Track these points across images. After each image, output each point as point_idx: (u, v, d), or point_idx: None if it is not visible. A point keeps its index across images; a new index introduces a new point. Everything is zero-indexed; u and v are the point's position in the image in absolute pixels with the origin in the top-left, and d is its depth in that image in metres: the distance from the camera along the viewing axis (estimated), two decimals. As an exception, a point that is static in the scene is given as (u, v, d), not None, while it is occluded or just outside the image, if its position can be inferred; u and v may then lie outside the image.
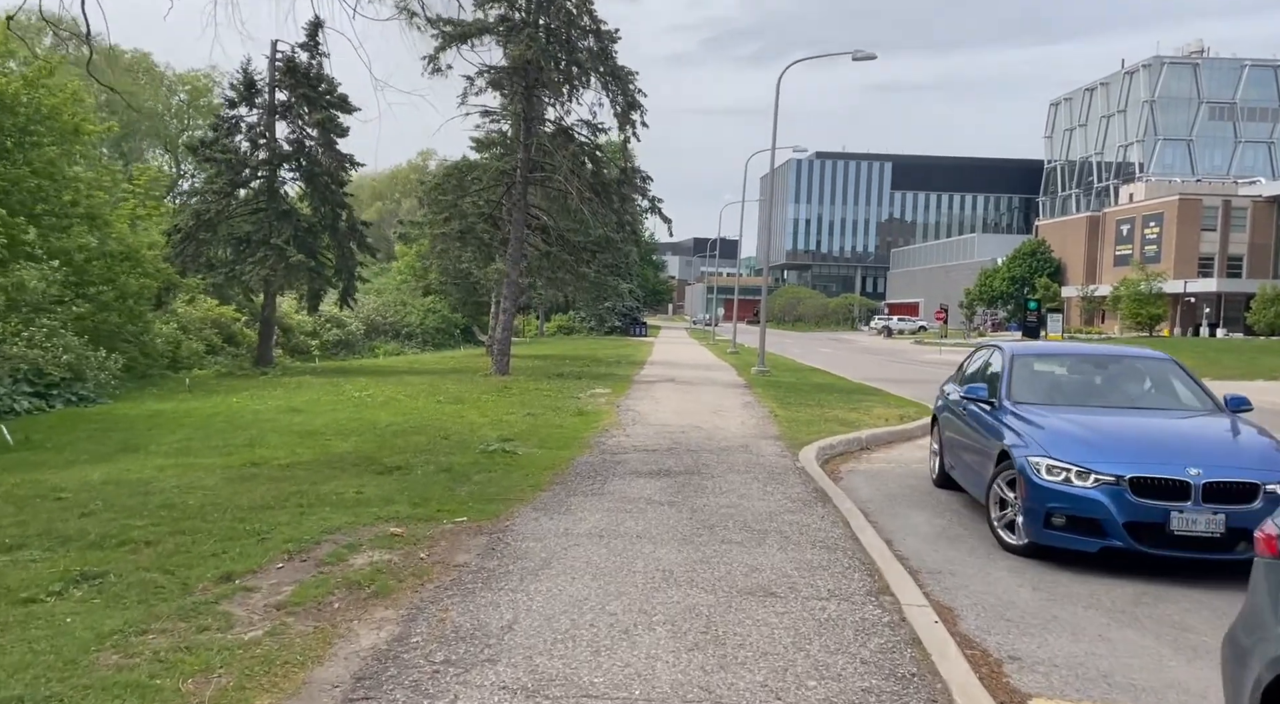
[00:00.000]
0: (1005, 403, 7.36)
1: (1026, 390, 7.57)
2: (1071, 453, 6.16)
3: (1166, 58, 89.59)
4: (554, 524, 6.56)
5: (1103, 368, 8.29)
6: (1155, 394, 7.73)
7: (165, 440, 10.57)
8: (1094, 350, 9.06)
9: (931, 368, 31.50)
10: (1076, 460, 6.08)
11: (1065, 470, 6.08)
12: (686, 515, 6.99)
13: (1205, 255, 65.85)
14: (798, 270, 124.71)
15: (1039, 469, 6.18)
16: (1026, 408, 7.16)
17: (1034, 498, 6.15)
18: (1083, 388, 7.92)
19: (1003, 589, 5.64)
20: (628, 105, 19.38)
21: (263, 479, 8.08)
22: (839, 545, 6.21)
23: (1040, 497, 6.11)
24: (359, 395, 15.68)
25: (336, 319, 35.18)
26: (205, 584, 4.94)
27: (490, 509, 7.00)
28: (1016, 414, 7.06)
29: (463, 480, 8.19)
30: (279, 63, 21.14)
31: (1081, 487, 5.98)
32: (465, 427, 11.75)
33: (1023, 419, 6.92)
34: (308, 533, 6.02)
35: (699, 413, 14.26)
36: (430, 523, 6.48)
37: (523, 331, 58.08)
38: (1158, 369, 8.01)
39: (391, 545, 5.83)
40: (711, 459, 9.78)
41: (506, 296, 20.83)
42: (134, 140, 45.92)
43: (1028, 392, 7.55)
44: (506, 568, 5.43)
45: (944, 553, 6.51)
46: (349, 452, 9.64)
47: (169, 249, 20.37)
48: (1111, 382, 8.00)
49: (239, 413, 13.28)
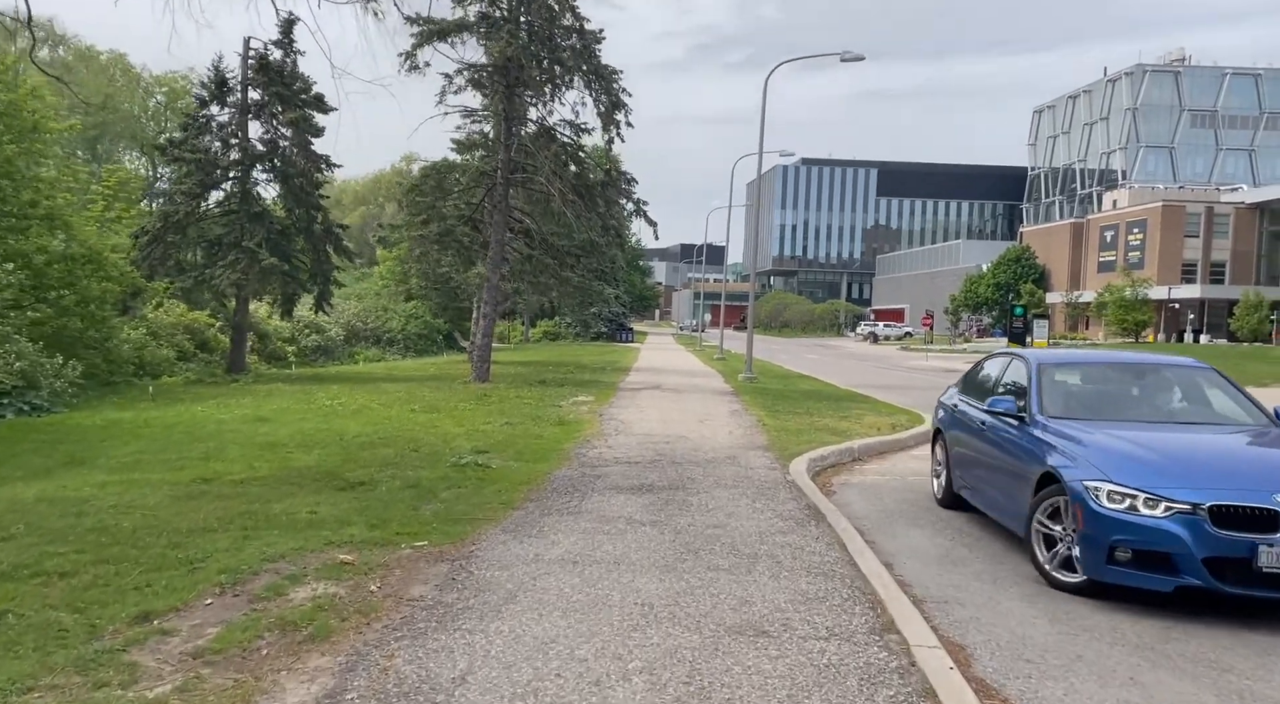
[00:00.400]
0: (1038, 417, 6.56)
1: (1060, 403, 6.77)
2: (1136, 477, 5.41)
3: (1148, 66, 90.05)
4: (524, 549, 5.97)
5: (1140, 378, 7.46)
6: (1202, 407, 6.98)
7: (116, 453, 9.91)
8: (1128, 358, 8.24)
9: (920, 374, 31.12)
10: (1144, 485, 5.33)
11: (1130, 497, 5.32)
12: (670, 537, 6.43)
13: (1189, 262, 66.00)
14: (784, 276, 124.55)
15: (1099, 496, 5.40)
16: (1066, 424, 6.35)
17: (1094, 529, 5.38)
18: (1122, 400, 7.10)
19: (1017, 621, 5.10)
20: (612, 105, 18.84)
21: (211, 497, 7.46)
22: (836, 572, 5.65)
23: (1102, 528, 5.34)
24: (330, 404, 15.03)
25: (315, 325, 34.42)
26: (117, 626, 4.33)
27: (455, 531, 6.41)
28: (1056, 431, 6.27)
29: (429, 498, 7.59)
30: (251, 60, 20.47)
31: (1151, 516, 5.23)
32: (438, 437, 11.15)
33: (1065, 437, 6.13)
34: (247, 561, 5.41)
35: (685, 422, 13.71)
36: (387, 548, 5.88)
37: (508, 337, 57.44)
38: (1199, 379, 7.24)
39: (340, 575, 5.23)
40: (697, 472, 9.23)
41: (487, 301, 20.22)
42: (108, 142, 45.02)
43: (1062, 405, 6.74)
44: (466, 602, 4.84)
45: (949, 577, 5.97)
46: (310, 466, 9.01)
47: (136, 252, 19.64)
48: (1151, 393, 7.25)
49: (201, 423, 12.62)
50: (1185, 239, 65.83)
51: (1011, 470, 6.58)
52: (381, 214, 63.30)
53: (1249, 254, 65.84)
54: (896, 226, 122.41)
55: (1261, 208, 65.41)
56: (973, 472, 7.50)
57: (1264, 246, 65.67)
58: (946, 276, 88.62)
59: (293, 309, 23.25)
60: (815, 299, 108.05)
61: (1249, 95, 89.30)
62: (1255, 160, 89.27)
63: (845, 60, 21.58)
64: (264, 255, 19.64)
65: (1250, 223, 65.92)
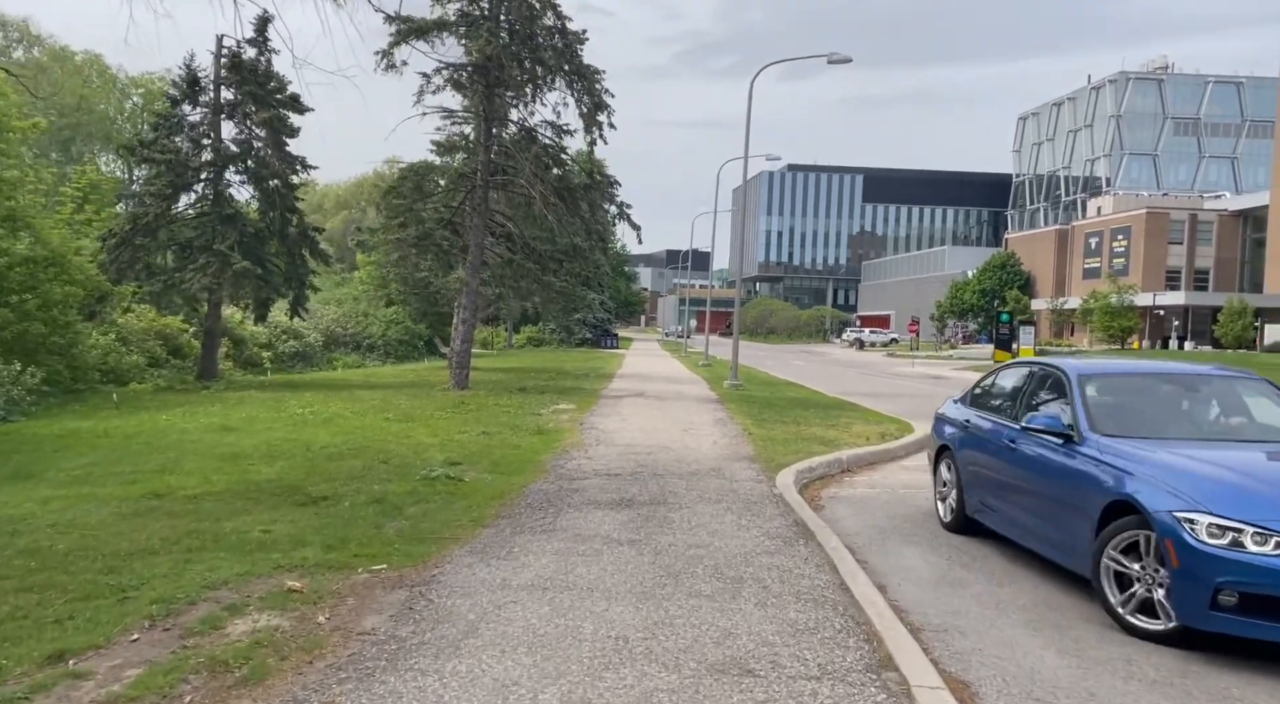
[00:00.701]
0: (1090, 436, 5.76)
1: (1114, 420, 5.95)
2: (1237, 507, 4.71)
3: (1132, 73, 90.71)
4: (490, 573, 5.52)
5: (1193, 391, 6.69)
6: (1264, 421, 6.25)
7: (68, 466, 9.40)
8: (1174, 369, 7.24)
9: (908, 381, 30.85)
10: (1250, 518, 4.64)
11: (1235, 531, 4.62)
12: (649, 559, 6.00)
13: (1172, 268, 66.35)
14: (770, 282, 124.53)
15: (1196, 530, 4.69)
16: (1126, 443, 5.60)
17: (1194, 569, 4.66)
18: (1178, 415, 6.39)
19: (1023, 653, 4.71)
20: (594, 106, 18.44)
21: (159, 514, 6.98)
22: (827, 598, 5.24)
23: (1203, 567, 4.62)
24: (302, 412, 14.52)
25: (294, 330, 33.79)
26: (26, 668, 3.86)
27: (418, 552, 5.96)
28: (1117, 452, 5.50)
29: (394, 514, 7.14)
30: (225, 59, 19.94)
31: (1261, 553, 4.55)
32: (410, 448, 10.68)
33: (1130, 458, 5.37)
34: (185, 589, 4.95)
35: (668, 431, 13.29)
36: (342, 572, 5.43)
37: (492, 343, 56.87)
38: (1254, 390, 6.54)
39: (286, 605, 4.77)
40: (680, 486, 8.80)
41: (466, 306, 19.74)
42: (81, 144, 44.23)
43: (1116, 421, 5.94)
44: (422, 637, 4.40)
45: (947, 601, 5.57)
46: (271, 479, 8.53)
47: (103, 255, 19.04)
48: (1206, 407, 6.52)
49: (164, 432, 12.10)
50: (1169, 246, 66.20)
51: (1059, 496, 5.84)
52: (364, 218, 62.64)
53: (1232, 261, 66.26)
54: (882, 233, 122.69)
55: (1244, 215, 65.85)
56: (998, 495, 6.74)
57: (1247, 253, 66.09)
58: (932, 283, 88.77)
59: (267, 314, 22.69)
60: (801, 305, 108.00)
61: (1231, 103, 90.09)
62: (1238, 168, 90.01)
63: (832, 62, 21.29)
64: (236, 259, 19.09)
65: (1233, 230, 66.35)
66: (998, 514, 6.76)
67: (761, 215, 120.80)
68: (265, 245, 20.83)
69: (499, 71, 18.06)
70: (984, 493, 6.98)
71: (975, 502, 7.11)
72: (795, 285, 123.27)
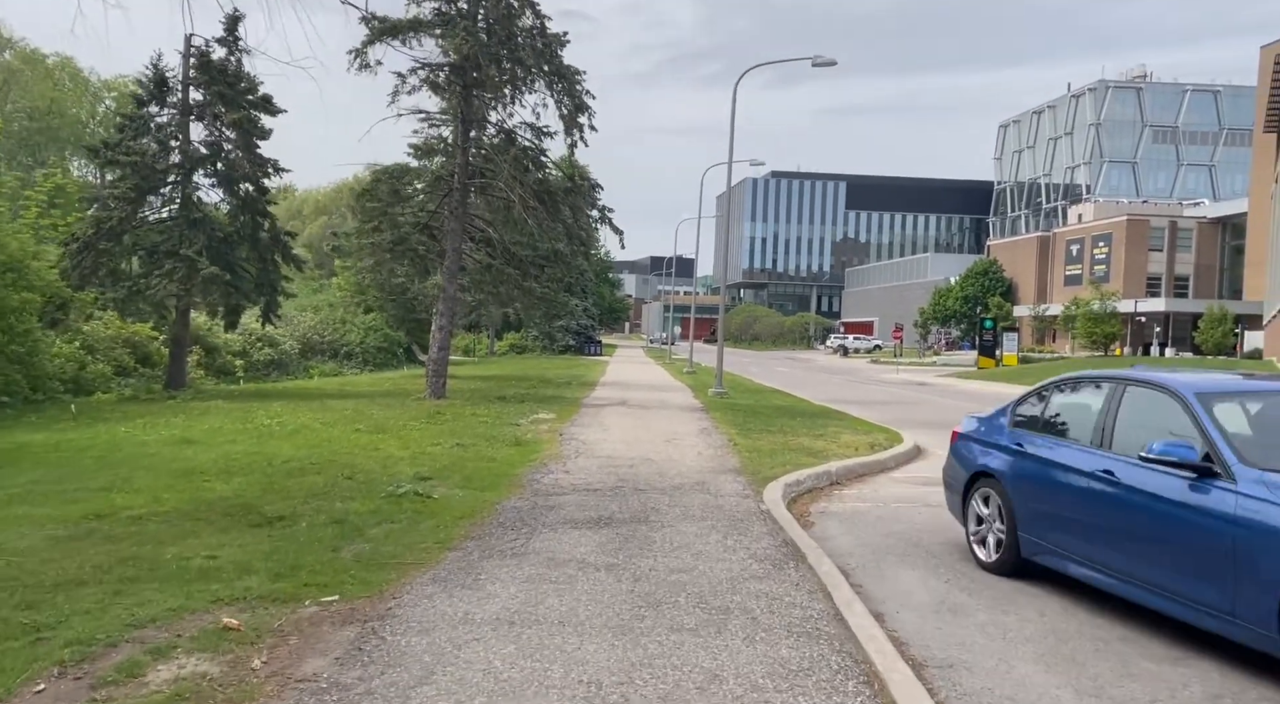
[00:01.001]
0: (1240, 470, 4.67)
1: (1261, 450, 4.82)
2: None
3: (1111, 82, 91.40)
4: (452, 605, 5.03)
5: None
6: None
7: (9, 483, 8.80)
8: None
9: (893, 388, 30.56)
10: None
11: None
12: (627, 586, 5.52)
13: (1153, 275, 66.61)
14: (754, 289, 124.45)
15: None
16: None
17: None
18: None
19: (1037, 694, 4.27)
20: (575, 107, 17.99)
21: (97, 538, 6.44)
22: (821, 631, 4.79)
23: None
24: (269, 423, 13.94)
25: (269, 338, 33.04)
26: (-99, 731, 3.34)
27: (376, 580, 5.46)
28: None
29: (354, 536, 6.63)
30: (193, 58, 19.34)
31: None
32: (378, 462, 10.15)
33: None
34: (107, 627, 4.43)
35: (651, 442, 12.83)
36: (288, 605, 4.92)
37: (474, 351, 56.20)
38: None
39: (218, 646, 4.26)
40: (662, 501, 8.34)
41: (443, 313, 19.20)
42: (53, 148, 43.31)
43: (1264, 452, 4.80)
44: (369, 685, 3.90)
45: (950, 631, 5.13)
46: (226, 497, 7.99)
47: (65, 260, 18.36)
48: None
49: (120, 445, 11.50)
50: (1150, 253, 66.48)
51: (1196, 544, 4.79)
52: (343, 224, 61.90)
53: (1212, 268, 66.64)
54: (865, 239, 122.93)
55: (1223, 222, 66.29)
56: (1084, 537, 5.61)
57: (1226, 260, 66.52)
58: (915, 289, 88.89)
59: (237, 321, 22.02)
60: (785, 312, 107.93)
61: (1208, 112, 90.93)
62: (1215, 175, 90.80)
63: (817, 65, 20.97)
64: (204, 264, 18.46)
65: (1212, 237, 66.76)
66: (1082, 559, 5.59)
67: (746, 222, 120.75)
68: (236, 250, 20.19)
69: (477, 72, 17.59)
70: (1056, 532, 5.84)
71: (1038, 542, 5.99)
72: (779, 292, 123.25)
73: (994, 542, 6.46)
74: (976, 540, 6.68)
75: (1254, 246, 58.54)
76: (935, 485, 10.53)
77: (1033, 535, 6.06)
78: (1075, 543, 5.70)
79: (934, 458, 12.71)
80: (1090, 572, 5.56)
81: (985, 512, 6.60)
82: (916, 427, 16.32)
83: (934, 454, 13.04)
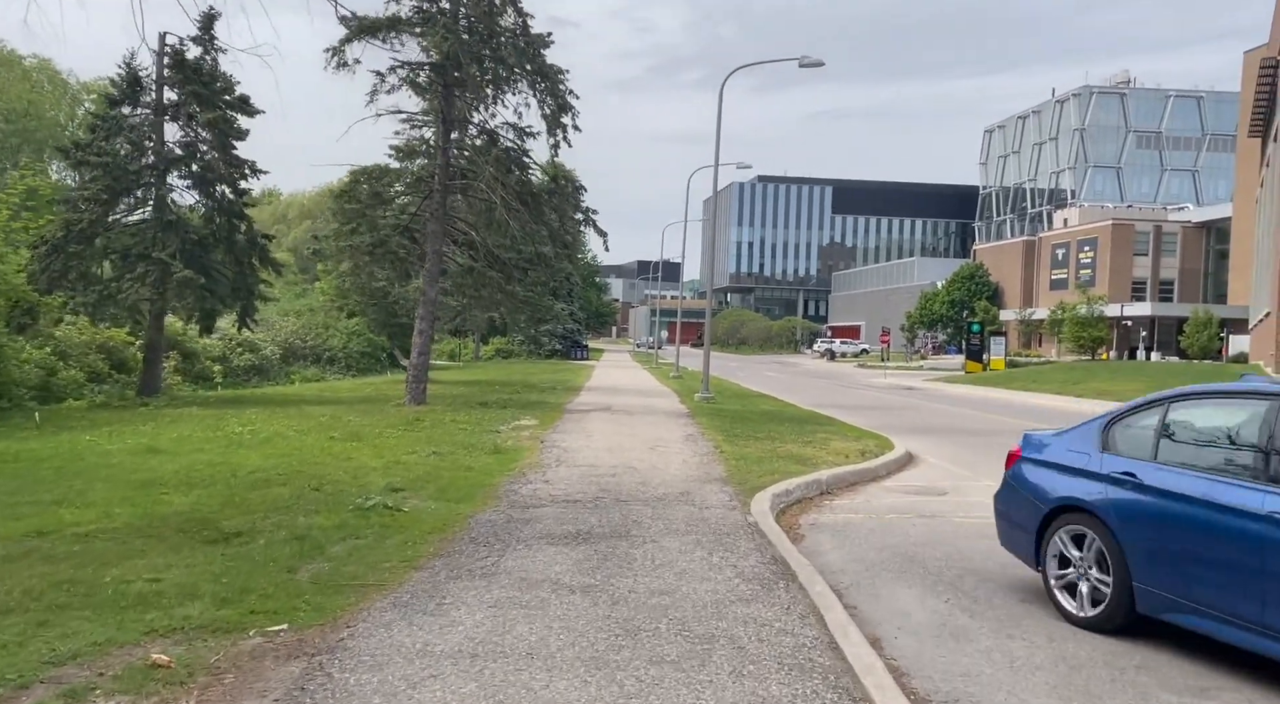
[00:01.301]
0: None
1: None
2: None
3: (1095, 88, 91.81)
4: (411, 635, 4.61)
5: None
6: None
7: (-46, 496, 8.31)
8: None
9: (881, 392, 30.27)
10: None
11: None
12: (604, 610, 5.11)
13: (1138, 279, 66.80)
14: (741, 293, 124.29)
15: None
16: None
17: None
18: None
19: (1052, 731, 3.89)
20: (558, 107, 17.60)
21: (36, 558, 5.98)
22: (815, 663, 4.39)
23: None
24: (241, 431, 13.45)
25: (250, 343, 32.45)
26: None
27: (331, 606, 5.03)
28: None
29: (314, 554, 6.20)
30: (167, 57, 18.84)
31: None
32: (350, 472, 9.70)
33: None
34: (21, 665, 3.98)
35: (635, 449, 12.43)
36: (230, 636, 4.49)
37: (460, 356, 55.65)
38: None
39: (144, 687, 3.82)
40: (645, 514, 7.94)
41: (424, 317, 18.75)
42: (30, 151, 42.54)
43: None
44: (309, 732, 3.48)
45: (954, 659, 4.75)
46: (182, 511, 7.54)
47: (33, 264, 17.80)
48: None
49: (82, 455, 11.00)
50: (1135, 257, 66.66)
51: None
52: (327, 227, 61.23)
53: (1196, 272, 66.89)
54: (852, 244, 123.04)
55: (1208, 227, 66.58)
56: (1244, 595, 4.50)
57: (1210, 265, 66.77)
58: (902, 293, 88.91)
59: (212, 326, 21.49)
60: (772, 316, 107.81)
61: (1191, 117, 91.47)
62: (1199, 180, 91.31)
63: (804, 66, 20.67)
64: (178, 267, 17.94)
65: (1197, 241, 67.02)
66: (1250, 625, 4.47)
67: (732, 226, 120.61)
68: (211, 253, 19.66)
69: (458, 71, 17.18)
70: (1199, 588, 4.76)
71: (1167, 596, 4.92)
72: (766, 296, 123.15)
73: (1087, 591, 5.37)
74: (1060, 586, 5.58)
75: (1238, 251, 58.80)
76: (928, 495, 10.20)
77: (1159, 588, 4.96)
78: (1232, 602, 4.56)
79: (925, 465, 12.38)
80: (1263, 640, 4.40)
81: (1075, 555, 5.49)
82: (906, 432, 16.00)
83: (925, 461, 12.71)
